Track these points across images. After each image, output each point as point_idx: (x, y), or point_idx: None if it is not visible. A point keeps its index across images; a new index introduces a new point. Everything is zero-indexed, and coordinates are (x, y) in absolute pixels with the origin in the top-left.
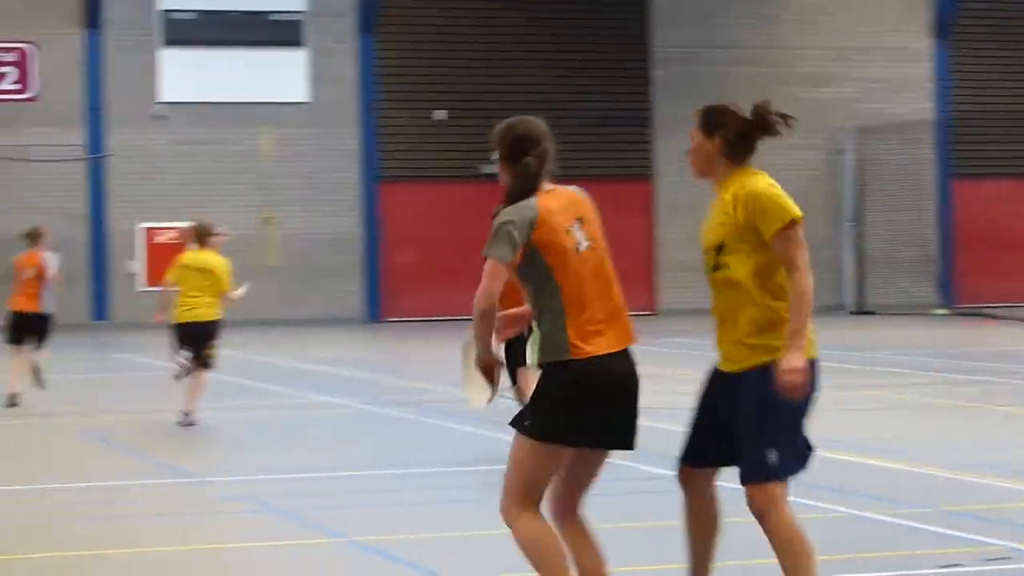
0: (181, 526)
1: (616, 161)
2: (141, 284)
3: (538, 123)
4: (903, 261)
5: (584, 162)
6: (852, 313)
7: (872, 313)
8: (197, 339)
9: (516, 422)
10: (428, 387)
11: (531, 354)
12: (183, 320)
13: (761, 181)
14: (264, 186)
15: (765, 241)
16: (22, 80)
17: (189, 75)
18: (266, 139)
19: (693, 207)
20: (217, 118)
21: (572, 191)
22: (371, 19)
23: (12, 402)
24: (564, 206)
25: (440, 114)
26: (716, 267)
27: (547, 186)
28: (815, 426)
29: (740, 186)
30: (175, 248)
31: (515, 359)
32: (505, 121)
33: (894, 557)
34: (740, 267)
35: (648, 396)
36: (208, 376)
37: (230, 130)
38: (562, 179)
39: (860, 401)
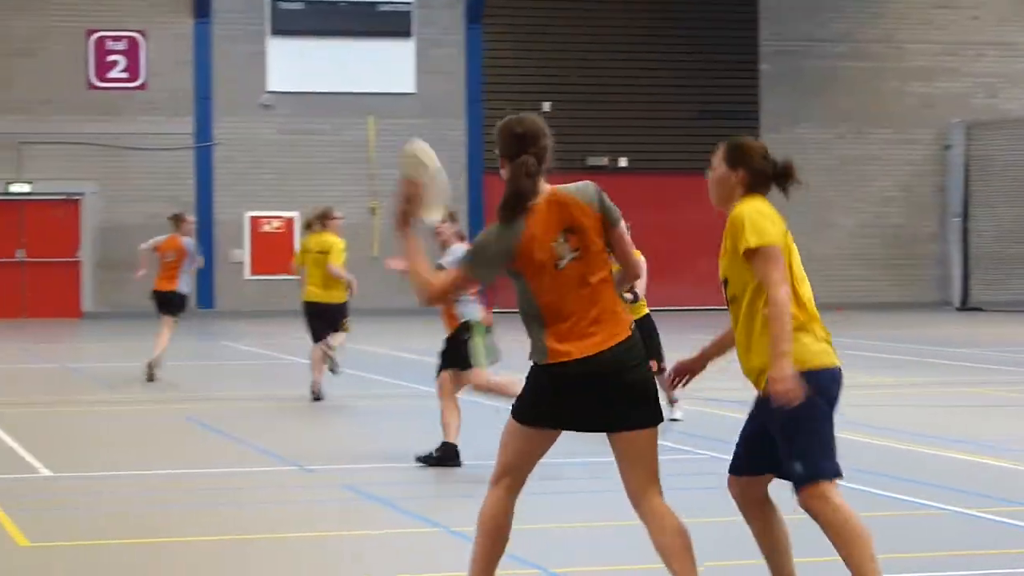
0: (295, 514)
1: None
2: (247, 273)
3: (537, 120)
4: (1010, 258)
5: (688, 155)
6: (958, 309)
7: (979, 310)
8: (325, 318)
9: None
10: None
11: (476, 357)
12: (309, 299)
13: (747, 204)
14: (370, 176)
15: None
16: (131, 68)
17: (296, 65)
18: (372, 129)
19: (794, 203)
20: (324, 108)
21: (569, 194)
22: (478, 9)
23: (150, 375)
24: (551, 220)
25: (545, 106)
26: (729, 300)
27: (544, 186)
28: (923, 422)
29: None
30: (280, 237)
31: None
32: (504, 119)
33: (1000, 555)
34: (746, 294)
35: None
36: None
37: (337, 120)
38: (667, 172)
39: (965, 398)
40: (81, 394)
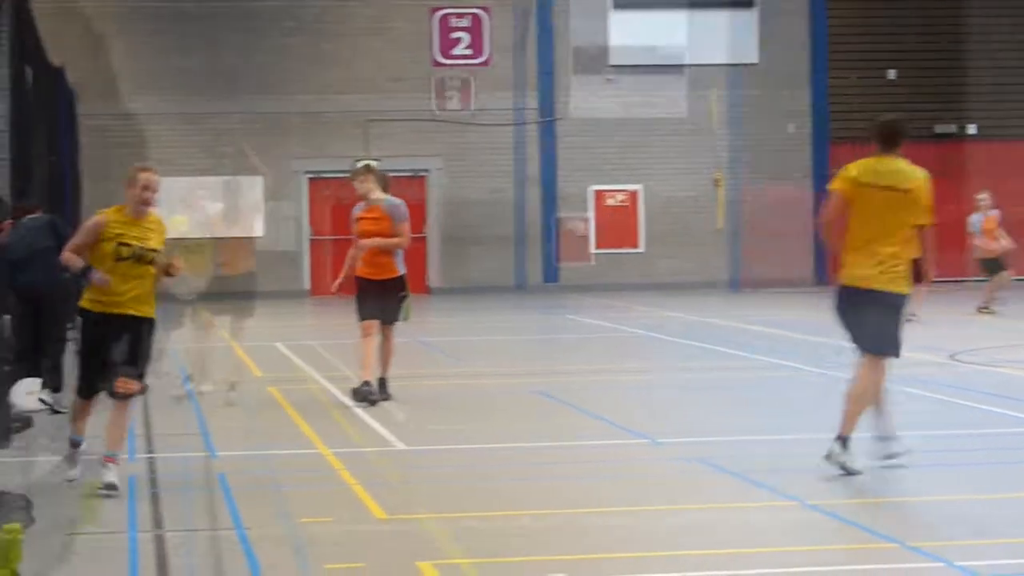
0: (647, 487)
1: None
2: (591, 247)
3: None
4: None
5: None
6: None
7: None
8: None
9: None
10: None
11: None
12: None
13: None
14: (712, 148)
15: None
16: (475, 45)
17: (638, 38)
18: (715, 101)
19: None
20: (666, 80)
21: None
22: None
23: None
24: None
25: (891, 73)
26: None
27: None
28: None
29: None
30: (624, 210)
31: None
32: None
33: None
34: None
35: None
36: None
37: (679, 92)
38: (1019, 139)
39: None
40: (433, 368)
